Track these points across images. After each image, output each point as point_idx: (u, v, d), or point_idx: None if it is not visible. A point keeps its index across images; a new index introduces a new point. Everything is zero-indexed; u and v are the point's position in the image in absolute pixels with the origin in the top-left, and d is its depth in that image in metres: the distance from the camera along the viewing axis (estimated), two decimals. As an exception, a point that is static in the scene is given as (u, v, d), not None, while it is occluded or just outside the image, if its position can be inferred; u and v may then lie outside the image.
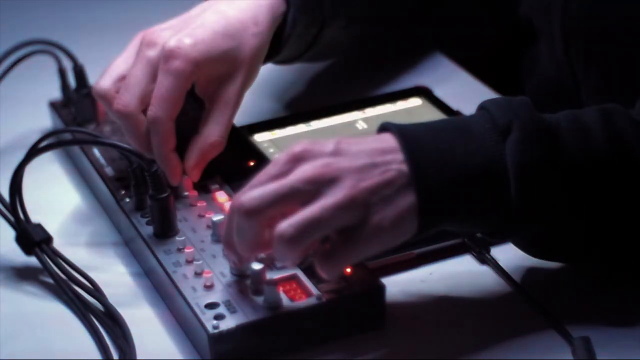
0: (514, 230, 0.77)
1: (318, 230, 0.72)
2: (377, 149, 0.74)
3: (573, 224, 0.76)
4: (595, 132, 0.75)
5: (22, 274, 0.86)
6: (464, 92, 1.08)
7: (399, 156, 0.74)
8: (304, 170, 0.73)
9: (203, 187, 0.89)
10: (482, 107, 0.78)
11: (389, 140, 0.75)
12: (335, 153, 0.74)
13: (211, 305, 0.76)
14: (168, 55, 0.85)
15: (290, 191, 0.73)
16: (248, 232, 0.74)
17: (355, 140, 0.76)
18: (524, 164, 0.74)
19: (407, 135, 0.75)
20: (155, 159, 0.86)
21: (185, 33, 0.86)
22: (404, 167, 0.74)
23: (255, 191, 0.73)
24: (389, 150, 0.74)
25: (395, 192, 0.73)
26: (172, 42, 0.85)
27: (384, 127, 0.77)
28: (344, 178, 0.72)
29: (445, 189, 0.74)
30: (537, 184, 0.74)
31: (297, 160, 0.74)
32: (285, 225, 0.72)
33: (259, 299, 0.76)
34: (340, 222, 0.72)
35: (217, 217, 0.83)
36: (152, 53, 0.86)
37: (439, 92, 1.04)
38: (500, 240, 0.78)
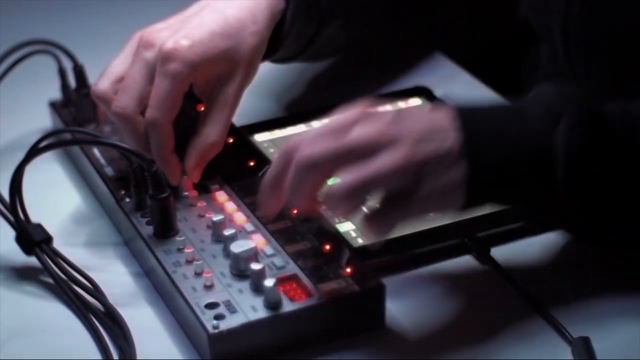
0: (557, 213, 0.81)
1: (368, 190, 0.75)
2: (434, 119, 0.77)
3: (617, 210, 0.79)
4: None
5: (22, 274, 0.86)
6: (464, 92, 1.08)
7: (455, 129, 0.76)
8: (365, 130, 0.75)
9: (203, 187, 0.89)
10: (538, 92, 0.80)
11: (445, 113, 0.77)
12: (396, 119, 0.76)
13: (211, 305, 0.76)
14: (165, 57, 0.85)
15: (349, 151, 0.75)
16: (305, 184, 0.75)
17: (414, 110, 0.80)
18: (572, 151, 0.76)
19: (463, 109, 0.77)
20: (155, 160, 0.85)
21: (183, 34, 0.86)
22: (459, 140, 0.76)
23: (316, 146, 0.75)
24: (446, 122, 0.76)
25: (448, 164, 0.75)
26: (169, 44, 0.85)
27: (440, 102, 0.80)
28: (402, 142, 0.75)
29: (496, 166, 0.76)
30: (583, 171, 0.77)
31: (358, 119, 0.76)
32: (339, 182, 0.74)
33: (259, 299, 0.77)
34: (391, 185, 0.75)
35: (217, 217, 0.83)
36: (150, 54, 0.86)
37: (439, 92, 1.04)
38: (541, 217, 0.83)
